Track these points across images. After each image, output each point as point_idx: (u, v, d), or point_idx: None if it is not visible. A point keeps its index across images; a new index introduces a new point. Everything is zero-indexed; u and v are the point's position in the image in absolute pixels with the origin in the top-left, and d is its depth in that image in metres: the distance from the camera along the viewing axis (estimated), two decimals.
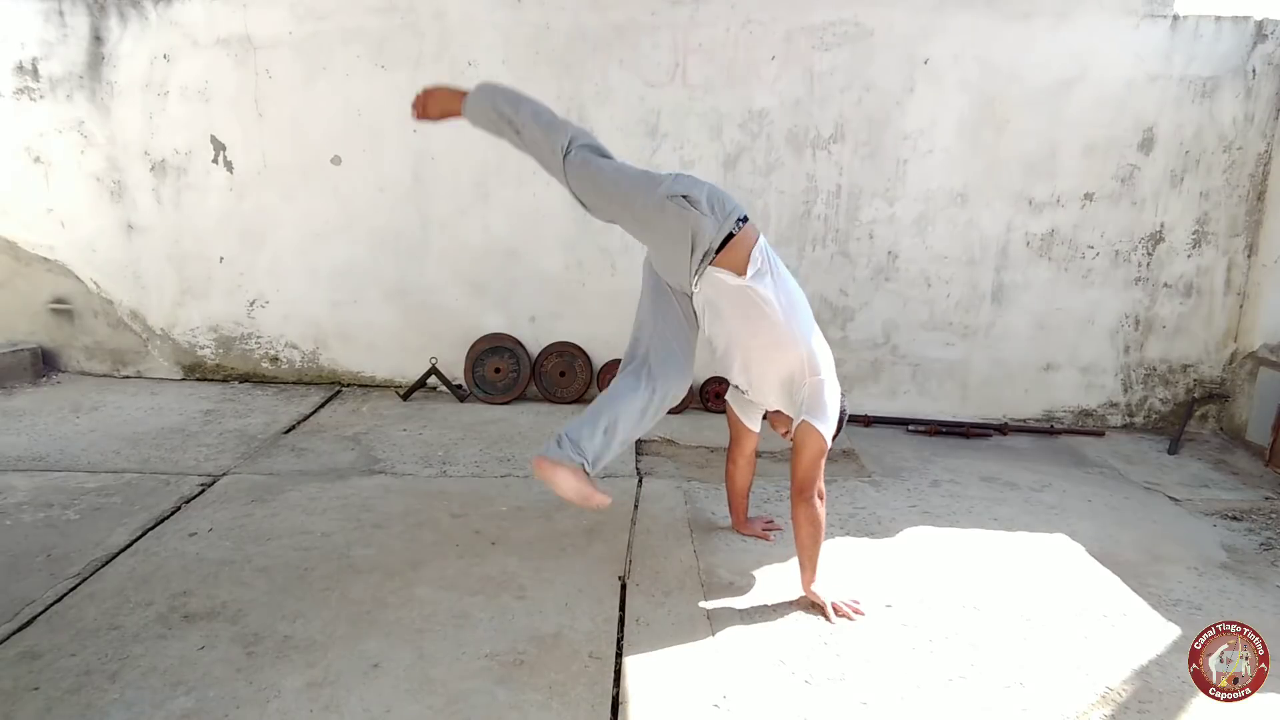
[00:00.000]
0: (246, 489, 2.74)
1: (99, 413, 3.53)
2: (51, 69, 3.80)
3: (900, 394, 3.97)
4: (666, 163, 3.79)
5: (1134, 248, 3.77)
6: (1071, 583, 2.33)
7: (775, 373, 2.13)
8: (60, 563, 2.19)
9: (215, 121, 3.83)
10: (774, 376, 2.14)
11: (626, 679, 1.78)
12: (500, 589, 2.13)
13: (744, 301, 2.05)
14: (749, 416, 2.41)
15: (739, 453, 2.45)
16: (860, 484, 3.05)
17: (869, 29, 3.62)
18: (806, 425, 2.07)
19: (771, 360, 2.11)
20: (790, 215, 3.83)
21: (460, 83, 3.71)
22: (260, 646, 1.84)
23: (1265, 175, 3.67)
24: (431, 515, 2.58)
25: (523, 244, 3.93)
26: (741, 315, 2.07)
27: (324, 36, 3.73)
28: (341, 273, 3.98)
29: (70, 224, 3.95)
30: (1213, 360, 3.87)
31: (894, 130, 3.71)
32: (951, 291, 3.85)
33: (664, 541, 2.47)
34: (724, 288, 2.05)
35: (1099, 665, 1.92)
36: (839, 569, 2.34)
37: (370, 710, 1.63)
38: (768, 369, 2.13)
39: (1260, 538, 2.73)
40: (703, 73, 3.70)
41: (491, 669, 1.79)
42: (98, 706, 1.62)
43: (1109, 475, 3.30)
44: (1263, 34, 3.54)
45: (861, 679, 1.82)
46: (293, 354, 4.11)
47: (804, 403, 2.09)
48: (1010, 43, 3.60)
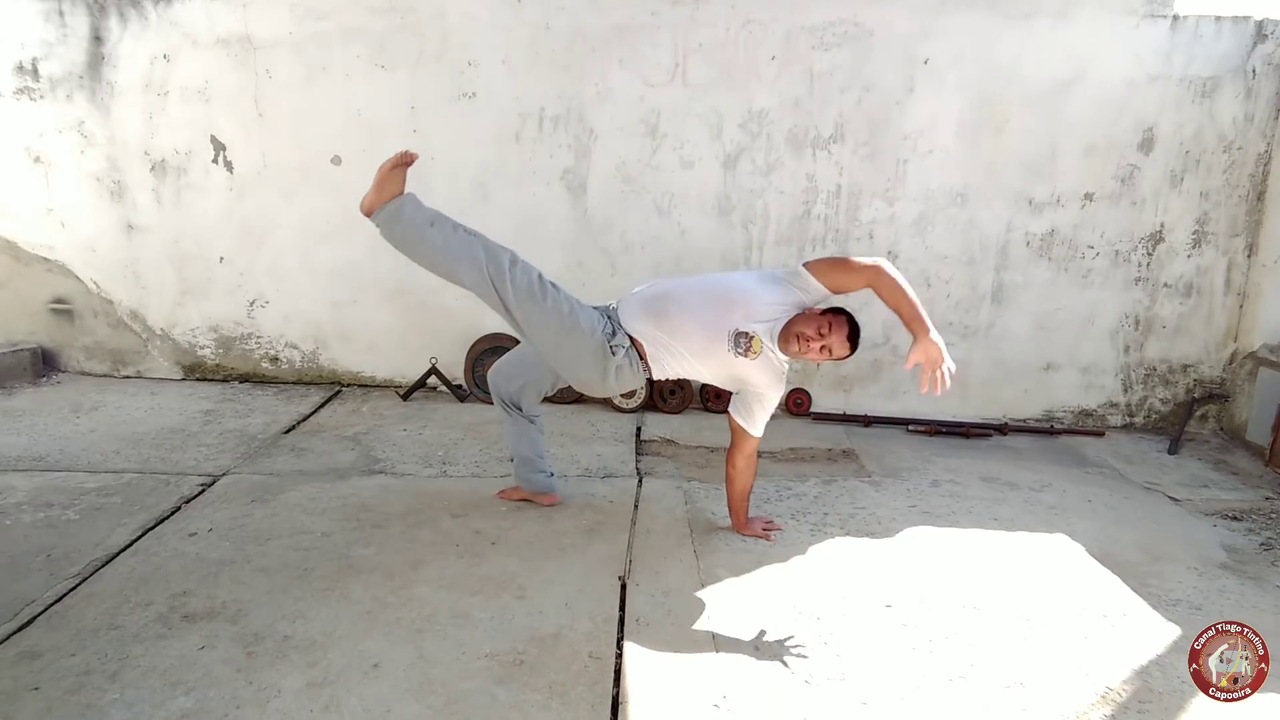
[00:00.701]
0: (246, 489, 2.74)
1: (99, 413, 3.53)
2: (51, 69, 3.80)
3: (900, 394, 3.97)
4: (666, 163, 3.79)
5: (1134, 248, 3.77)
6: (1071, 583, 2.33)
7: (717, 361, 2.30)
8: (60, 563, 2.18)
9: (215, 121, 3.84)
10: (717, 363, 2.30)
11: (626, 679, 1.78)
12: (500, 589, 2.13)
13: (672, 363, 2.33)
14: (749, 421, 2.38)
15: (739, 454, 2.44)
16: (860, 484, 3.05)
17: (869, 29, 3.62)
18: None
19: (713, 355, 2.28)
20: (790, 215, 3.83)
21: (460, 84, 3.76)
22: (260, 646, 1.84)
23: (1265, 175, 3.67)
24: (431, 515, 2.57)
25: (523, 244, 3.87)
26: (679, 365, 2.33)
27: (324, 36, 3.73)
28: (341, 273, 3.98)
29: (70, 224, 3.95)
30: (1213, 360, 3.87)
31: (894, 130, 3.71)
32: (951, 291, 3.85)
33: (664, 541, 2.47)
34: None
35: (1099, 665, 1.92)
36: (839, 569, 2.34)
37: (370, 710, 1.63)
38: (712, 361, 2.30)
39: (1260, 538, 2.73)
40: (703, 73, 3.70)
41: (491, 669, 1.78)
42: (98, 706, 1.62)
43: (1109, 475, 3.31)
44: (1263, 34, 3.54)
45: (861, 679, 1.82)
46: (293, 354, 4.11)
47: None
48: (1010, 43, 3.60)
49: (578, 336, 2.25)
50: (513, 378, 2.52)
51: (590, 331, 2.26)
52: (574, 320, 2.24)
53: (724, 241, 3.86)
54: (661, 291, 2.35)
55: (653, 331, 2.29)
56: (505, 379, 2.53)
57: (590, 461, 3.16)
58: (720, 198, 3.83)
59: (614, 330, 2.30)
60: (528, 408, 2.56)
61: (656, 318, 2.29)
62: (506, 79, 3.75)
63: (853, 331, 2.25)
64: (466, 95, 3.77)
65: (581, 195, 3.86)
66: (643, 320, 2.30)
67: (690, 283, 2.38)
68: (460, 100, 3.78)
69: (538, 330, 2.26)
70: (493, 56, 3.73)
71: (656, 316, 2.29)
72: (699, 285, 2.35)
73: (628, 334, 2.30)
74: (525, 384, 2.51)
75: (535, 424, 2.62)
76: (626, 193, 3.84)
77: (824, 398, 4.00)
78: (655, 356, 2.31)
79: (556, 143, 3.81)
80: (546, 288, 2.26)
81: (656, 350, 2.30)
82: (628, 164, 3.81)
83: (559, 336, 2.25)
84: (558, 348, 2.29)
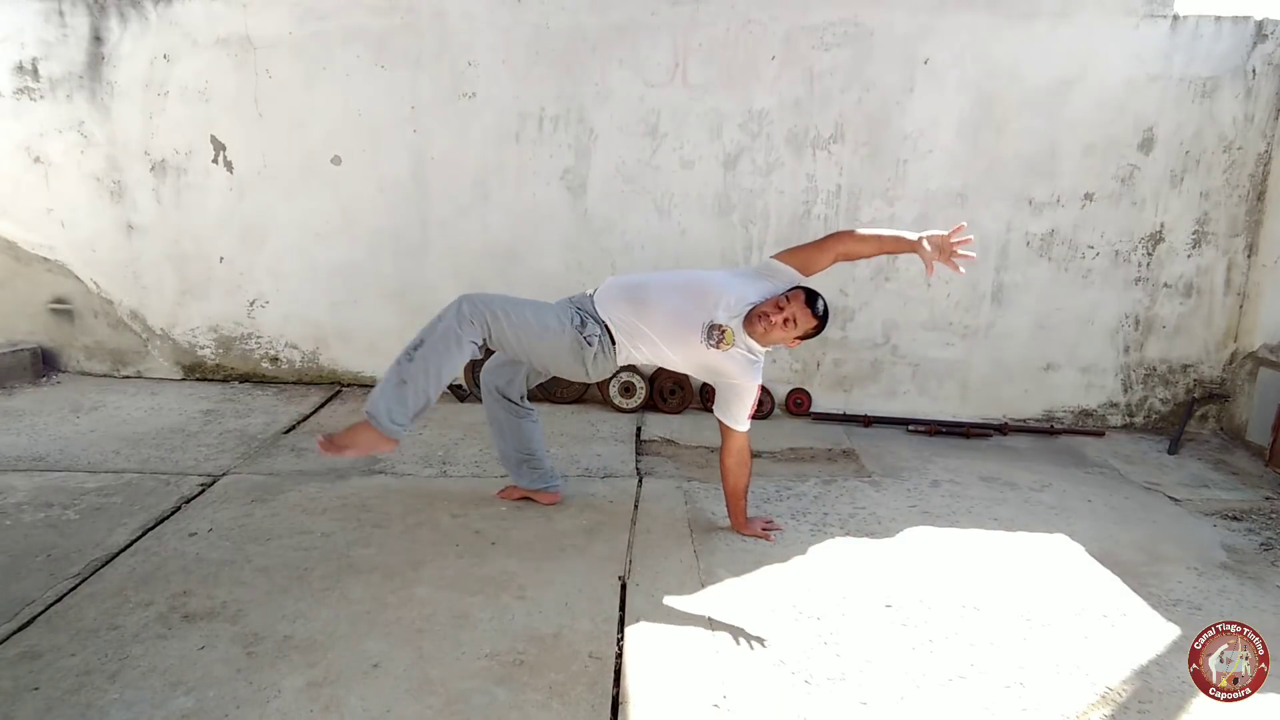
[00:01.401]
0: (246, 489, 2.74)
1: (99, 413, 3.53)
2: (51, 69, 3.80)
3: (900, 394, 3.97)
4: (666, 163, 3.79)
5: (1134, 248, 3.77)
6: (1071, 583, 2.33)
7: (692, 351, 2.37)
8: (60, 563, 2.18)
9: (215, 121, 3.84)
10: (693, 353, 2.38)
11: (626, 679, 1.78)
12: (500, 589, 2.13)
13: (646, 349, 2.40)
14: (729, 416, 2.43)
15: (726, 452, 2.48)
16: (860, 484, 3.05)
17: (869, 29, 3.62)
18: None
19: (686, 343, 2.35)
20: (790, 215, 3.83)
21: (460, 84, 3.76)
22: (260, 646, 1.84)
23: (1265, 175, 3.67)
24: (431, 515, 2.58)
25: (523, 244, 3.93)
26: (650, 350, 2.40)
27: (324, 36, 3.73)
28: (341, 273, 3.98)
29: (70, 224, 3.95)
30: (1213, 360, 3.87)
31: (894, 130, 3.71)
32: (951, 291, 3.85)
33: (664, 541, 2.47)
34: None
35: (1099, 665, 1.92)
36: (839, 569, 2.34)
37: (370, 710, 1.63)
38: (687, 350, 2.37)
39: (1260, 538, 2.73)
40: (703, 73, 3.70)
41: (491, 669, 1.78)
42: (98, 706, 1.62)
43: (1109, 475, 3.30)
44: (1263, 34, 3.54)
45: (861, 679, 1.82)
46: (293, 354, 4.11)
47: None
48: (1010, 43, 3.60)
49: (550, 339, 2.33)
50: (498, 373, 2.60)
51: (560, 330, 2.33)
52: (543, 326, 2.32)
53: (724, 241, 3.86)
54: (641, 281, 2.45)
55: (629, 319, 2.37)
56: (492, 375, 2.61)
57: (590, 461, 3.16)
58: (720, 198, 3.83)
59: (583, 320, 2.37)
60: (518, 398, 2.62)
61: (634, 305, 2.37)
62: (506, 79, 3.75)
63: (811, 298, 2.32)
64: (466, 95, 3.78)
65: (581, 195, 3.86)
66: (619, 307, 2.38)
67: (669, 275, 2.50)
68: (460, 100, 3.78)
69: (516, 346, 2.33)
70: (493, 56, 3.73)
71: (634, 305, 2.37)
72: (677, 278, 2.46)
73: (599, 321, 2.38)
74: (510, 378, 2.59)
75: (531, 418, 2.65)
76: (626, 193, 3.84)
77: (824, 398, 4.00)
78: (624, 343, 2.39)
79: (556, 143, 3.81)
80: (506, 314, 2.27)
81: (628, 337, 2.38)
82: (628, 164, 3.81)
83: (534, 343, 2.33)
84: (536, 352, 2.36)
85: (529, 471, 2.66)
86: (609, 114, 3.76)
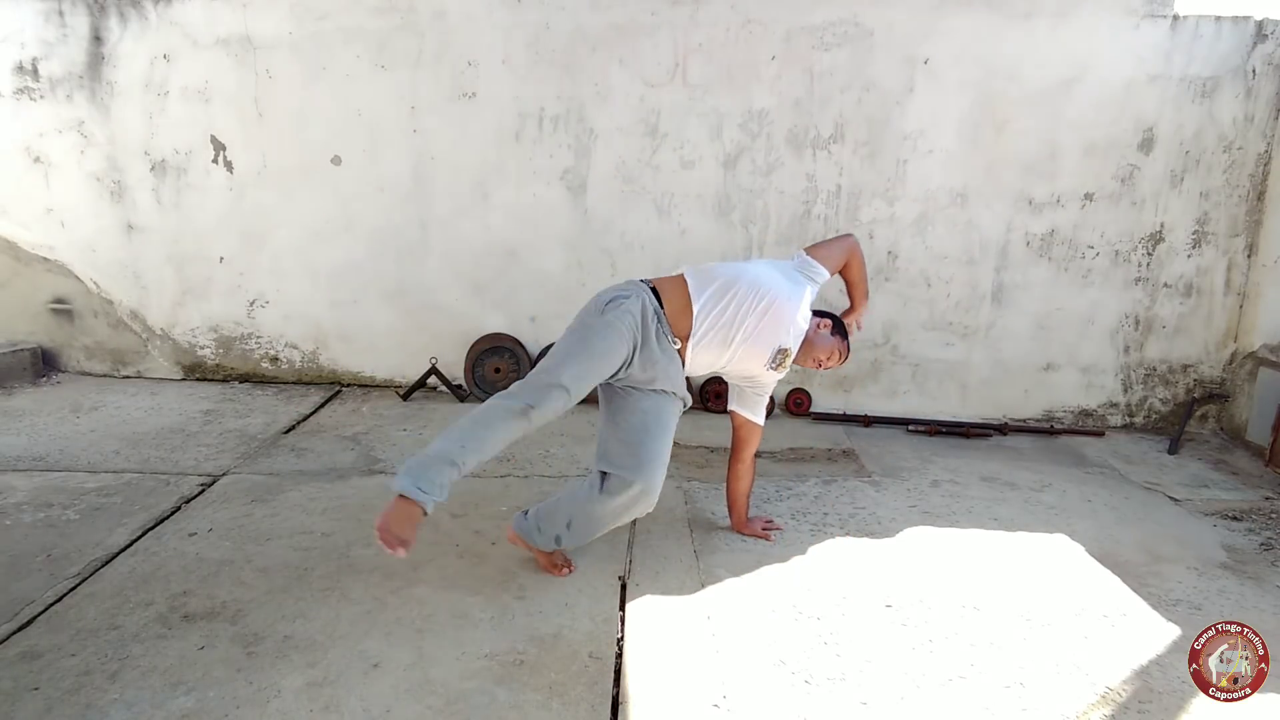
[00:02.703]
0: (246, 489, 2.74)
1: (99, 413, 3.53)
2: (51, 69, 3.80)
3: (900, 394, 3.97)
4: (666, 163, 3.79)
5: (1134, 248, 3.77)
6: (1071, 583, 2.33)
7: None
8: (60, 563, 2.19)
9: (215, 121, 3.84)
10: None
11: (626, 679, 1.78)
12: (500, 589, 2.13)
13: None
14: (755, 413, 2.39)
15: (737, 459, 2.46)
16: (860, 484, 3.05)
17: (869, 29, 3.62)
18: None
19: (752, 359, 2.23)
20: (790, 215, 3.83)
21: (460, 84, 3.76)
22: (260, 646, 1.84)
23: (1265, 175, 3.67)
24: (432, 515, 2.56)
25: (523, 244, 3.94)
26: (711, 357, 2.23)
27: (324, 36, 3.73)
28: (341, 273, 3.98)
29: (70, 224, 3.95)
30: (1213, 360, 3.87)
31: (894, 130, 3.71)
32: (951, 291, 3.85)
33: (664, 541, 2.47)
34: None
35: (1099, 665, 1.92)
36: (839, 569, 2.34)
37: (370, 710, 1.63)
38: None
39: (1260, 538, 2.73)
40: (703, 73, 3.70)
41: (491, 669, 1.79)
42: (98, 706, 1.62)
43: (1109, 475, 3.30)
44: (1263, 34, 3.54)
45: (861, 679, 1.82)
46: (293, 354, 4.11)
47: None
48: (1010, 43, 3.60)
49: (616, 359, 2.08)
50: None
51: (624, 351, 2.08)
52: (611, 356, 2.07)
53: (724, 241, 3.86)
54: (725, 290, 2.18)
55: (719, 334, 2.16)
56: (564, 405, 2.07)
57: (590, 461, 3.16)
58: (720, 198, 3.83)
59: (655, 329, 2.12)
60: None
61: (727, 326, 2.16)
62: (506, 79, 3.75)
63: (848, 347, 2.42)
64: (466, 95, 3.78)
65: (581, 195, 3.86)
66: (713, 320, 2.16)
67: (748, 288, 2.18)
68: (460, 100, 3.78)
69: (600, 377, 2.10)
70: (492, 56, 3.73)
71: (727, 325, 2.16)
72: (759, 301, 2.17)
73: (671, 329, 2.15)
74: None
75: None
76: (626, 193, 3.84)
77: (824, 398, 4.00)
78: (698, 347, 2.17)
79: (556, 143, 3.81)
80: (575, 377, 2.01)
81: (705, 344, 2.17)
82: (628, 164, 3.81)
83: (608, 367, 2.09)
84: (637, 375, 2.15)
85: (524, 522, 2.28)
86: (609, 114, 3.76)
